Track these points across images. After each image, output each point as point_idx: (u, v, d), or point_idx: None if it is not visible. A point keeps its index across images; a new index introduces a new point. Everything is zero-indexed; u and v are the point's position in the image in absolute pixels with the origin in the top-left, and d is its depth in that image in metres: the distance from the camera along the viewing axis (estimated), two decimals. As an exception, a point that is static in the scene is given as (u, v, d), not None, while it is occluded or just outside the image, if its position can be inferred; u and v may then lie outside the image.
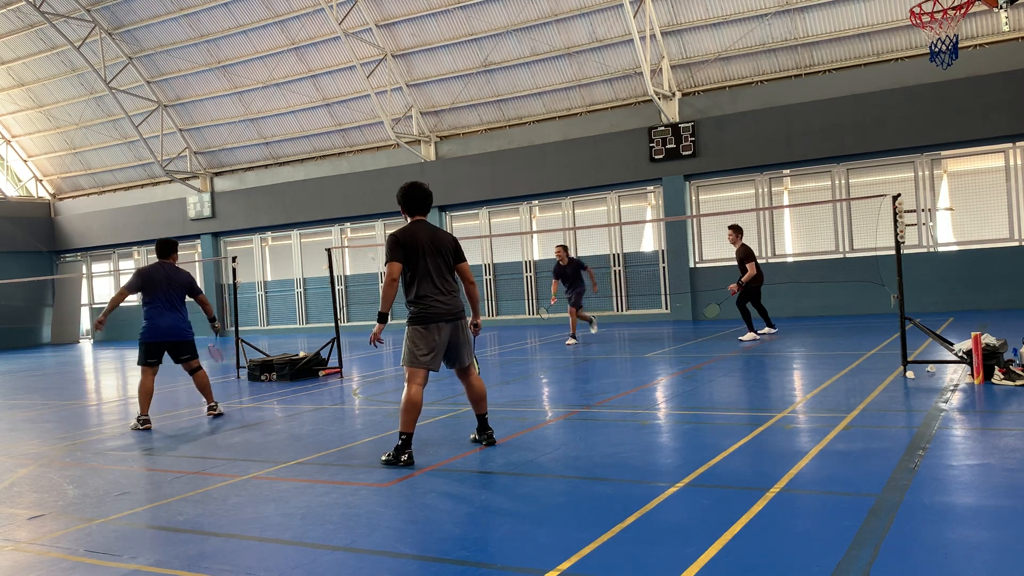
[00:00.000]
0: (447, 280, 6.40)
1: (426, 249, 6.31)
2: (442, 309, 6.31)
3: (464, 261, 6.56)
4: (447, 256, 6.42)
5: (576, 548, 4.08)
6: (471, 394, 6.66)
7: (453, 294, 6.42)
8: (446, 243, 6.45)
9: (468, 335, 6.57)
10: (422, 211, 6.52)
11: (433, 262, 6.32)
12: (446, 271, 6.40)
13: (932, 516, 4.28)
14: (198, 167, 26.78)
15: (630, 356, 12.78)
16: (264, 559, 4.31)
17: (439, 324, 6.29)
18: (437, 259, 6.34)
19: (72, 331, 29.93)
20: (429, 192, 6.57)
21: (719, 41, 18.78)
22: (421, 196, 6.51)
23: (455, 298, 6.42)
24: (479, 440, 6.70)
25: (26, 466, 7.18)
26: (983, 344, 7.96)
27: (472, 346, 6.65)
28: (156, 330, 8.95)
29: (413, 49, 21.74)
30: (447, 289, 6.38)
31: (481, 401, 6.68)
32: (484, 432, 6.69)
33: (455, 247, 6.53)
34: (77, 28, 24.40)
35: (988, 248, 16.72)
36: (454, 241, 6.55)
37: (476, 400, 6.67)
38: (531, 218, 21.90)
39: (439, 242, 6.39)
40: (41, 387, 14.39)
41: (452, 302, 6.38)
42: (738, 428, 6.69)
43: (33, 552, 4.67)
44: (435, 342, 6.28)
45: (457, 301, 6.44)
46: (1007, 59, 16.24)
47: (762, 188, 18.93)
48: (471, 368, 6.63)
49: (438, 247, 6.38)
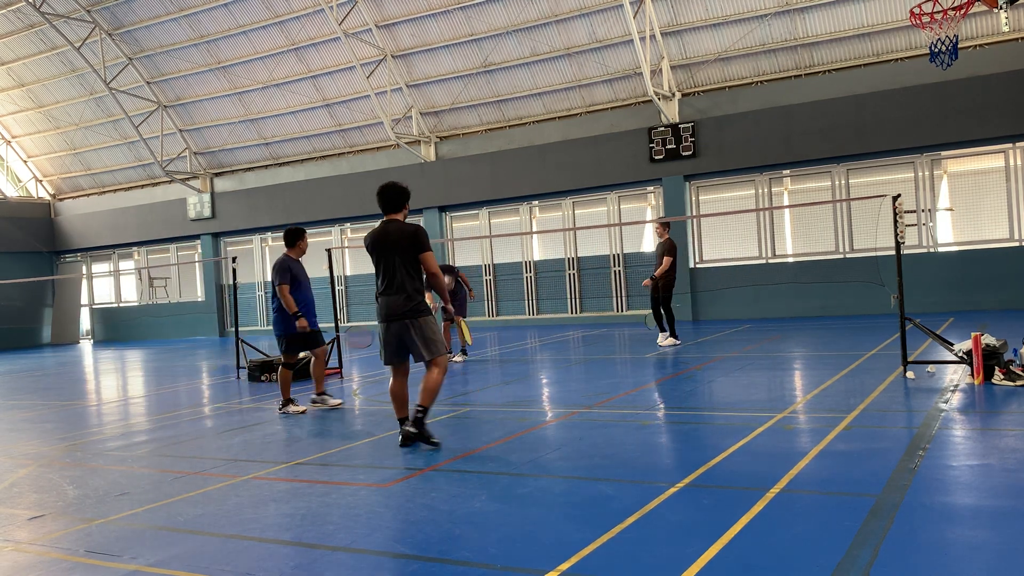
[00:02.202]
0: (397, 279, 6.44)
1: (379, 249, 6.52)
2: (384, 309, 6.56)
3: (424, 251, 6.48)
4: (400, 254, 6.44)
5: (576, 548, 4.08)
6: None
7: (401, 293, 6.44)
8: (399, 241, 6.45)
9: (427, 332, 6.52)
10: (388, 210, 6.65)
11: (385, 262, 6.50)
12: (400, 269, 6.44)
13: (932, 516, 4.28)
14: (198, 167, 26.78)
15: (630, 356, 12.77)
16: (264, 559, 4.31)
17: (384, 323, 6.57)
18: (390, 258, 6.46)
19: (72, 331, 29.92)
20: (393, 191, 6.63)
21: (719, 41, 18.78)
22: (384, 196, 6.65)
23: (400, 297, 6.44)
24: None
25: (26, 466, 7.18)
26: (983, 344, 7.96)
27: (432, 343, 6.56)
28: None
29: (413, 49, 21.74)
30: (395, 288, 6.46)
31: (425, 392, 6.57)
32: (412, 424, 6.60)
33: (412, 241, 6.47)
34: (77, 28, 24.40)
35: (988, 248, 16.71)
36: (412, 236, 6.49)
37: (423, 390, 6.60)
38: (531, 218, 21.90)
39: (391, 241, 6.47)
40: (41, 387, 14.39)
41: (394, 302, 6.45)
42: (738, 428, 6.69)
43: (33, 552, 4.67)
44: (384, 339, 6.60)
45: (401, 300, 6.44)
46: (1007, 59, 16.24)
47: (762, 188, 18.93)
48: (433, 362, 6.58)
49: (391, 246, 6.46)
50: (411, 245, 6.46)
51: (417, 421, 6.58)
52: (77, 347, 27.27)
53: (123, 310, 29.42)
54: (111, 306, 29.97)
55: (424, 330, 6.54)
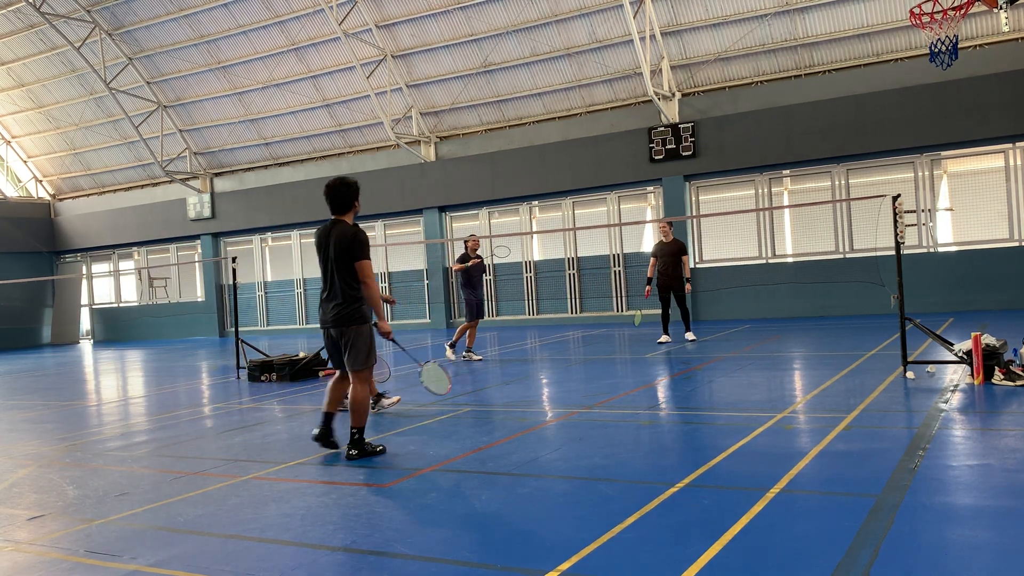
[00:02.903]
0: (334, 285, 6.31)
1: (320, 252, 6.42)
2: (321, 315, 6.51)
3: (360, 259, 6.22)
4: (337, 260, 6.25)
5: (576, 548, 4.08)
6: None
7: (336, 299, 6.29)
8: (339, 245, 6.24)
9: (357, 342, 6.32)
10: (336, 211, 6.40)
11: (323, 267, 6.42)
12: (335, 275, 6.28)
13: (932, 516, 4.28)
14: (198, 168, 26.78)
15: (630, 356, 12.77)
16: (264, 559, 4.31)
17: (323, 328, 6.53)
18: (326, 264, 6.36)
19: (72, 331, 29.92)
20: (339, 189, 6.34)
21: (719, 41, 18.78)
22: (331, 194, 6.39)
23: (335, 304, 6.30)
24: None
25: (26, 466, 7.18)
26: (983, 344, 7.96)
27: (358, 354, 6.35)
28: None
29: (413, 49, 21.74)
30: (331, 295, 6.35)
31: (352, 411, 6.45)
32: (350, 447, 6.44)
33: (348, 247, 6.21)
34: (77, 29, 24.40)
35: (988, 248, 16.71)
36: (349, 242, 6.22)
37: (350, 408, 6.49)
38: (531, 218, 21.90)
39: (329, 245, 6.31)
40: (41, 387, 14.39)
41: (328, 309, 6.36)
42: (738, 428, 6.69)
43: (33, 553, 4.67)
44: (326, 343, 6.62)
45: (336, 307, 6.29)
46: (1007, 59, 16.24)
47: (762, 188, 18.93)
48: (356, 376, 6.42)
49: (327, 251, 6.33)
50: (347, 252, 6.22)
51: (356, 442, 6.43)
52: (77, 347, 27.26)
53: (123, 310, 29.42)
54: (111, 306, 29.97)
55: (355, 340, 6.34)
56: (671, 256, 13.86)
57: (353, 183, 6.46)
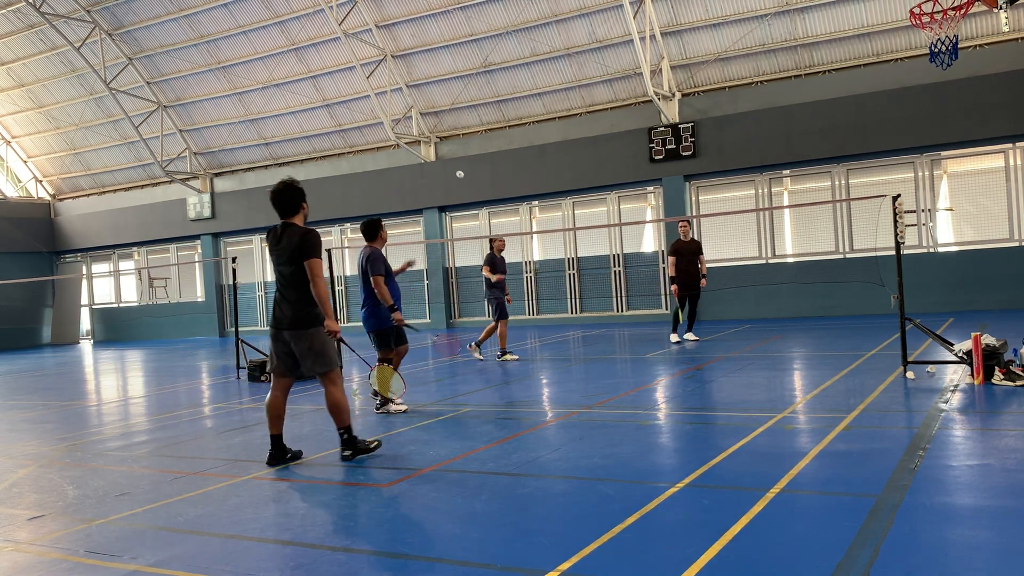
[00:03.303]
0: (288, 288, 6.22)
1: (272, 255, 6.33)
2: (274, 320, 6.34)
3: (310, 258, 6.12)
4: (290, 261, 6.16)
5: (576, 548, 4.08)
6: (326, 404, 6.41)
7: (290, 301, 6.20)
8: (287, 245, 6.17)
9: (316, 344, 6.24)
10: (282, 214, 6.36)
11: (275, 269, 6.31)
12: (289, 277, 6.19)
13: (932, 516, 4.28)
14: (198, 168, 26.78)
15: (630, 356, 12.77)
16: (264, 559, 4.31)
17: (273, 331, 6.36)
18: (278, 266, 6.26)
19: (72, 331, 29.92)
20: (286, 193, 6.29)
21: (719, 41, 18.78)
22: (278, 199, 6.33)
23: (289, 306, 6.20)
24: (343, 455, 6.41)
25: (26, 466, 7.18)
26: (983, 344, 7.96)
27: (322, 356, 6.28)
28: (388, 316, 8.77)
29: (413, 49, 21.74)
30: (282, 296, 6.26)
31: (333, 414, 6.37)
32: (343, 448, 6.40)
33: (298, 246, 6.13)
34: (77, 29, 24.40)
35: (988, 248, 16.71)
36: (299, 240, 6.15)
37: (329, 412, 6.41)
38: (531, 219, 21.90)
39: (280, 246, 6.23)
40: (41, 387, 14.39)
41: (282, 312, 6.23)
42: (738, 428, 6.69)
43: (33, 553, 4.67)
44: (274, 348, 6.37)
45: (287, 310, 6.20)
46: (1007, 59, 16.23)
47: (762, 188, 18.93)
48: (325, 378, 6.34)
49: (278, 252, 6.25)
50: (298, 252, 6.12)
51: (347, 442, 6.37)
52: (77, 347, 27.26)
53: (123, 310, 29.42)
54: (111, 306, 29.96)
55: (313, 342, 6.24)
56: (693, 255, 13.92)
57: (299, 187, 6.40)
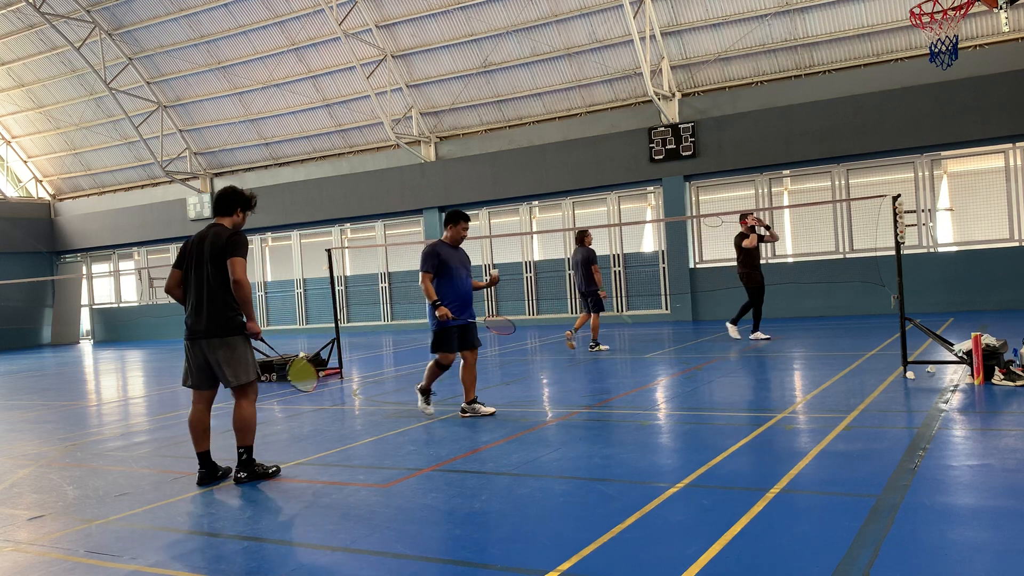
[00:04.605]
0: (203, 293, 5.80)
1: (191, 258, 5.88)
2: (190, 328, 5.90)
3: (232, 256, 5.73)
4: (211, 261, 5.77)
5: (576, 548, 4.08)
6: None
7: (210, 307, 5.77)
8: (212, 246, 5.79)
9: (236, 354, 5.83)
10: (217, 211, 6.04)
11: (196, 273, 5.85)
12: (208, 281, 5.79)
13: (932, 517, 4.28)
14: (198, 168, 26.78)
15: (630, 356, 12.77)
16: (264, 559, 4.31)
17: (188, 341, 5.91)
18: (199, 269, 5.83)
19: (72, 332, 29.93)
20: (228, 192, 6.02)
21: (719, 42, 18.78)
22: (219, 195, 6.05)
23: (208, 312, 5.78)
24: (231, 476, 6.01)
25: (26, 467, 7.18)
26: (983, 344, 7.96)
27: (248, 364, 5.91)
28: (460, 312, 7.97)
29: (413, 50, 21.74)
30: (199, 304, 5.82)
31: (237, 432, 5.94)
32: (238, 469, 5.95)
33: (222, 247, 5.75)
34: (77, 29, 24.40)
35: (988, 248, 16.71)
36: (224, 240, 5.79)
37: (234, 427, 5.96)
38: (531, 219, 21.90)
39: (203, 249, 5.83)
40: (41, 387, 14.39)
41: (199, 319, 5.80)
42: (738, 428, 6.69)
43: (33, 553, 4.67)
44: (188, 360, 5.94)
45: (205, 318, 5.79)
46: (1007, 59, 16.23)
47: (762, 188, 18.93)
48: (238, 392, 5.94)
49: (200, 255, 5.83)
50: (222, 251, 5.74)
51: (244, 464, 5.95)
52: (77, 347, 27.26)
53: (123, 310, 29.42)
54: (111, 306, 29.97)
55: (234, 351, 5.83)
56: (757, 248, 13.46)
57: (245, 195, 6.08)
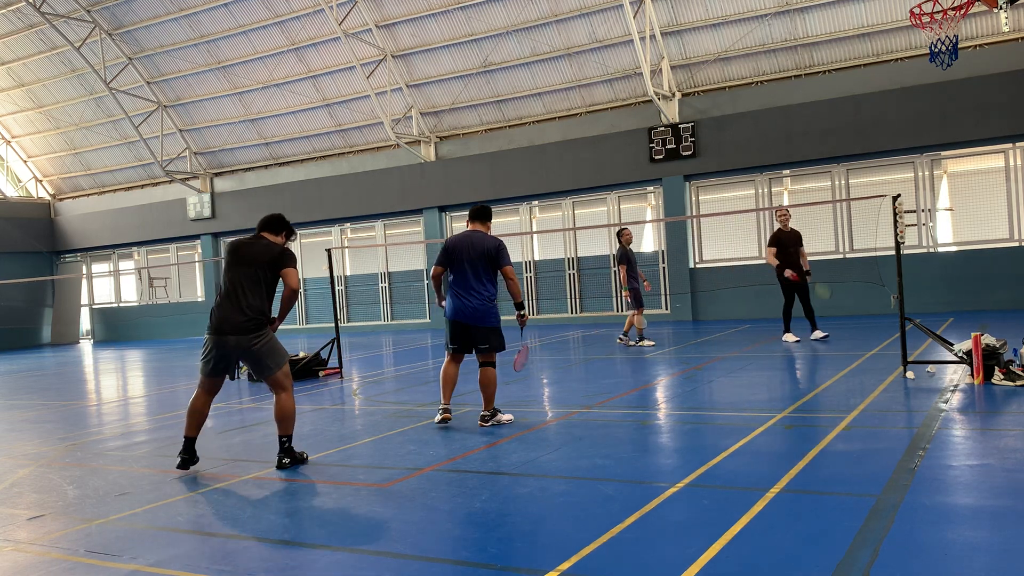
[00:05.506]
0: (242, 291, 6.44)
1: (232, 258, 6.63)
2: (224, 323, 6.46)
3: (289, 267, 6.55)
4: (267, 268, 6.49)
5: (576, 548, 4.08)
6: None
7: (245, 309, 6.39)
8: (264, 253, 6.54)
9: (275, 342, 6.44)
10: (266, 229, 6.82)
11: (232, 273, 6.55)
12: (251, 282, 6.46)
13: (932, 516, 4.28)
14: (198, 168, 26.78)
15: (630, 356, 12.77)
16: (265, 559, 4.31)
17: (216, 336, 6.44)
18: (235, 270, 6.53)
19: (72, 331, 29.92)
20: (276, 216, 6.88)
21: (719, 42, 18.78)
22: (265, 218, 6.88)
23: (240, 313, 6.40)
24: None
25: (26, 466, 7.18)
26: (983, 344, 7.96)
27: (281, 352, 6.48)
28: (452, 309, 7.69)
29: (413, 49, 21.74)
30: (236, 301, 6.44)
31: (279, 422, 6.41)
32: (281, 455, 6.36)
33: (276, 256, 6.53)
34: (77, 29, 24.40)
35: (988, 248, 16.71)
36: (278, 252, 6.57)
37: (276, 419, 6.44)
38: (531, 218, 21.90)
39: (250, 254, 6.56)
40: (41, 387, 14.39)
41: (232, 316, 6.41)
42: (738, 428, 6.69)
43: (33, 552, 4.67)
44: (210, 351, 6.46)
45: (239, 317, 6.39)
46: (1007, 59, 16.23)
47: (762, 188, 18.93)
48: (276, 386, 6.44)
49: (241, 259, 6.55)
50: (276, 260, 6.50)
51: (287, 451, 6.36)
52: (77, 347, 27.26)
53: (123, 310, 29.42)
54: (111, 306, 29.97)
55: (269, 342, 6.41)
56: (796, 244, 12.89)
57: (290, 225, 6.95)
